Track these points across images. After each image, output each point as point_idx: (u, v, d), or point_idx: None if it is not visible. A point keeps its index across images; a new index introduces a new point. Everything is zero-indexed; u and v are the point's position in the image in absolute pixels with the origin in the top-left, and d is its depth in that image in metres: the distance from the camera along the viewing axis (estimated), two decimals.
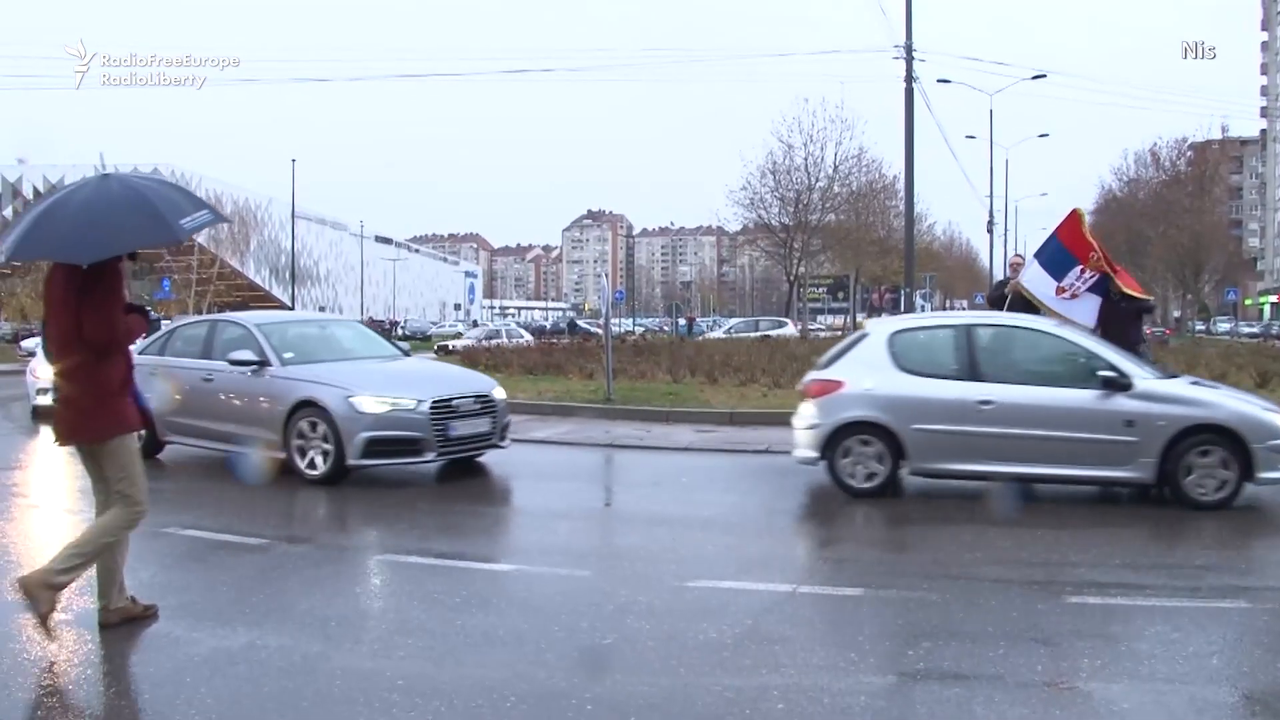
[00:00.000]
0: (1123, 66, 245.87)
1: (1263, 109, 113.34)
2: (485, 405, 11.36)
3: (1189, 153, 75.11)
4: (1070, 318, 14.07)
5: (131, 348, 6.27)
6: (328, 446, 10.55)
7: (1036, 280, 13.69)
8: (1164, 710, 4.47)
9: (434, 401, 10.73)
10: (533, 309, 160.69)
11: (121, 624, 5.95)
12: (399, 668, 5.32)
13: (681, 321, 52.82)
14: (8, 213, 79.01)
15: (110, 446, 5.92)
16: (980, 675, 5.22)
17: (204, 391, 11.56)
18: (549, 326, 72.39)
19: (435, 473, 11.40)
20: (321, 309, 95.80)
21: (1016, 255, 15.67)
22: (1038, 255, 13.86)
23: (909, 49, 29.57)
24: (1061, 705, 4.84)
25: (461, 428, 10.96)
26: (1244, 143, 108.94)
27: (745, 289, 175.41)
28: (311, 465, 10.63)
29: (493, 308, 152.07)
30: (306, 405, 10.69)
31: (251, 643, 5.75)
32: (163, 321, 14.81)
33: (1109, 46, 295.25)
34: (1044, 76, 45.36)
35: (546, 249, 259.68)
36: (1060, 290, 13.37)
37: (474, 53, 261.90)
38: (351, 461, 10.49)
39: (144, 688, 5.32)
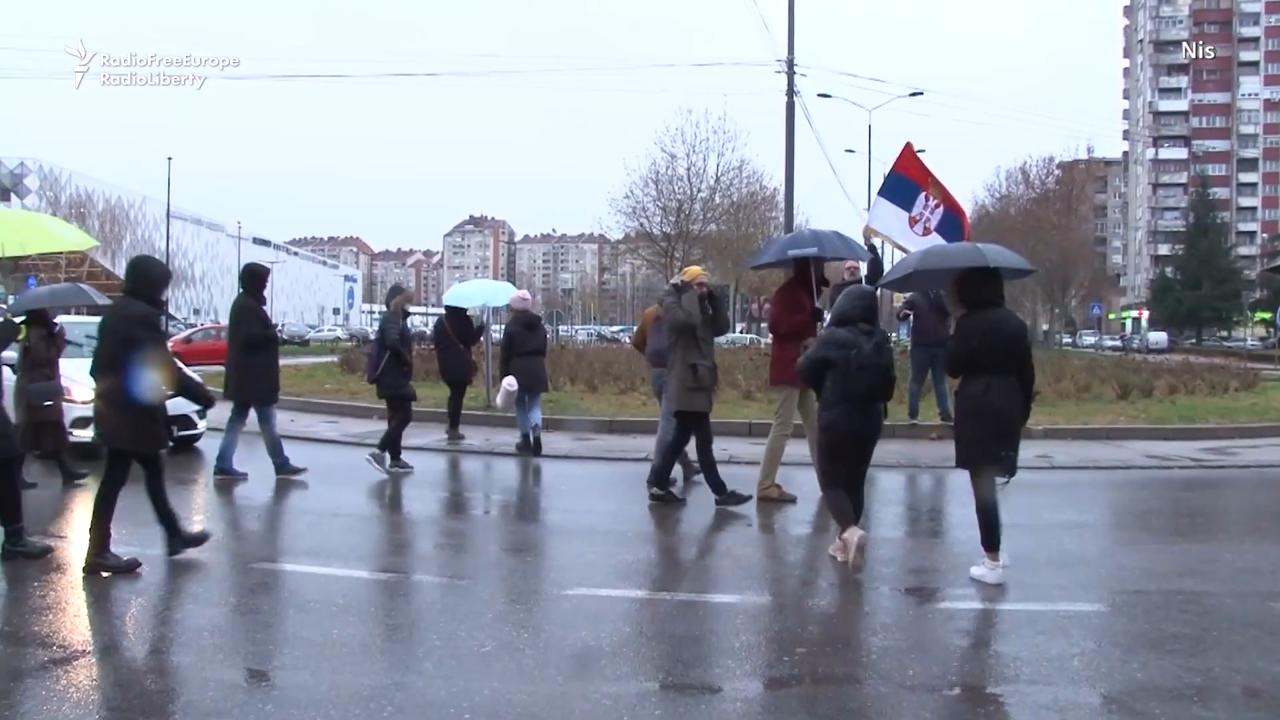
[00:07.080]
0: (997, 87, 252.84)
1: (1124, 131, 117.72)
2: None
3: (1057, 171, 77.89)
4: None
5: None
6: None
7: (886, 217, 13.65)
8: (1029, 710, 4.61)
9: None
10: (412, 314, 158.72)
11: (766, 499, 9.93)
12: (275, 678, 5.23)
13: None
14: None
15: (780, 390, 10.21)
16: (855, 679, 5.32)
17: None
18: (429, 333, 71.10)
19: (311, 480, 11.24)
20: (196, 311, 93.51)
21: (851, 263, 15.51)
22: (881, 192, 13.92)
23: (790, 63, 29.99)
24: (933, 707, 4.96)
25: None
26: (1108, 163, 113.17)
27: (626, 297, 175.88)
28: None
29: (371, 312, 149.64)
30: None
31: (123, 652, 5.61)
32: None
33: (985, 68, 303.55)
34: (921, 94, 46.72)
35: (428, 254, 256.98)
36: (913, 221, 13.52)
37: (356, 54, 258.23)
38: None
39: None
